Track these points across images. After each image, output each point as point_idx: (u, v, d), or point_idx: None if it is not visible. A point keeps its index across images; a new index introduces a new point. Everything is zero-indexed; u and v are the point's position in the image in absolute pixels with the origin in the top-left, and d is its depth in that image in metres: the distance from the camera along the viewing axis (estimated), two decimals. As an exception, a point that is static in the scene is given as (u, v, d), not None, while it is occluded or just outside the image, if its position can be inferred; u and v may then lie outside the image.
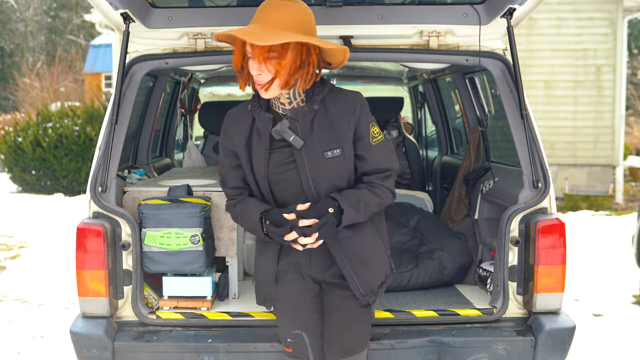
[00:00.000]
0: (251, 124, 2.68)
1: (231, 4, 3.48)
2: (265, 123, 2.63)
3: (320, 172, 2.59)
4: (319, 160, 2.59)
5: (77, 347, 3.06)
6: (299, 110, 2.61)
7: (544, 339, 3.06)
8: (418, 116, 6.83)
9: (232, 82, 6.81)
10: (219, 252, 3.46)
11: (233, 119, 2.74)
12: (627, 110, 22.18)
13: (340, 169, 2.62)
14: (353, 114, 2.62)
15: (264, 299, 2.81)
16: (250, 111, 2.67)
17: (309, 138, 2.59)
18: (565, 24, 12.60)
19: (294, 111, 2.61)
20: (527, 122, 3.25)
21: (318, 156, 2.59)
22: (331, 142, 2.60)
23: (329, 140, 2.60)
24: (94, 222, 3.08)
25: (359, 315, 2.72)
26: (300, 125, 2.59)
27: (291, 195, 2.64)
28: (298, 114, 2.60)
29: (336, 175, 2.62)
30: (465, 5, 3.35)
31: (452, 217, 4.39)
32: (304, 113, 2.60)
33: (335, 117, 2.61)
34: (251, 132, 2.67)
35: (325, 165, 2.59)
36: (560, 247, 3.11)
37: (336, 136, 2.60)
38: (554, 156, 12.48)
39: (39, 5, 35.32)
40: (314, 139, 2.59)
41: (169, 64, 3.40)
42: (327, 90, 2.66)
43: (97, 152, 3.24)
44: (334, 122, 2.61)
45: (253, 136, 2.66)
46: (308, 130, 2.60)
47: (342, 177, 2.63)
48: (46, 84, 24.00)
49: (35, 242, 9.20)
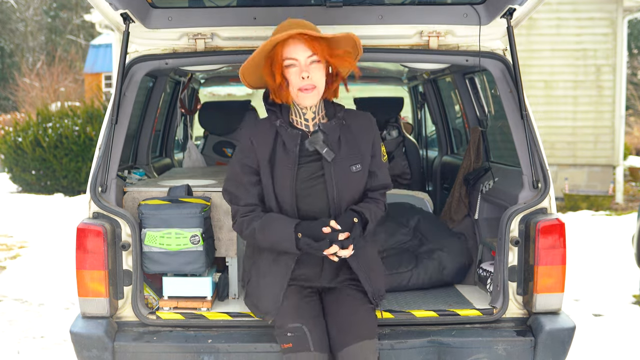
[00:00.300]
0: (274, 139, 2.80)
1: (231, 4, 3.49)
2: (294, 138, 2.78)
3: (345, 186, 2.78)
4: (346, 174, 2.78)
5: (77, 348, 3.05)
6: (327, 125, 2.80)
7: (544, 339, 3.06)
8: (418, 116, 6.83)
9: (232, 82, 6.82)
10: (219, 252, 3.46)
11: (254, 135, 2.83)
12: (627, 110, 22.18)
13: (360, 183, 2.83)
14: (371, 132, 2.87)
15: (267, 311, 2.87)
16: (277, 127, 2.81)
17: (337, 152, 2.77)
18: (565, 24, 12.60)
19: (325, 126, 2.79)
20: (527, 123, 3.25)
21: (346, 170, 2.78)
22: (355, 157, 2.81)
23: (353, 155, 2.80)
24: (94, 222, 3.08)
25: (366, 306, 2.86)
26: (329, 139, 2.77)
27: (316, 208, 2.79)
28: (327, 129, 2.78)
29: (357, 189, 2.82)
30: (465, 6, 3.35)
31: (452, 217, 4.39)
32: (332, 128, 2.80)
33: (357, 134, 2.84)
34: (274, 147, 2.79)
35: (350, 179, 2.79)
36: (560, 247, 3.10)
37: (358, 152, 2.82)
38: (554, 156, 12.48)
39: (39, 5, 35.32)
40: (342, 154, 2.78)
41: (169, 64, 3.40)
42: (344, 109, 2.89)
43: (97, 152, 3.24)
44: (356, 138, 2.83)
45: (277, 151, 2.78)
46: (336, 145, 2.78)
47: (360, 191, 2.84)
48: (46, 84, 24.00)
49: (35, 242, 9.20)
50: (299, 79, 2.70)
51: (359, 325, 2.78)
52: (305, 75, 2.68)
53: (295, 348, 2.72)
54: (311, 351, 2.70)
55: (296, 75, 2.70)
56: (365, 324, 2.80)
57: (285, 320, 2.80)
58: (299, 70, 2.70)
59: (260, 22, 3.33)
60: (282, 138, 2.79)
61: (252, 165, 2.81)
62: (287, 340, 2.75)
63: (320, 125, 2.80)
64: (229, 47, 3.43)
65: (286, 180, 2.76)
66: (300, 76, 2.70)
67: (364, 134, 2.85)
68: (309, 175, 2.78)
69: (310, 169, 2.78)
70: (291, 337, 2.74)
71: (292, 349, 2.73)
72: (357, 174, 2.80)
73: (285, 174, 2.76)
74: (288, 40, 2.70)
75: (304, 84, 2.70)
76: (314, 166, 2.78)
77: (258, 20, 3.33)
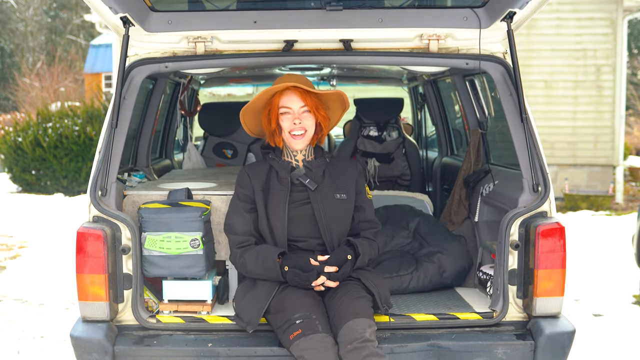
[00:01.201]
0: (268, 172, 3.24)
1: (231, 8, 3.48)
2: (285, 168, 3.22)
3: (332, 212, 3.17)
4: (330, 200, 3.18)
5: (77, 352, 3.05)
6: (313, 162, 3.26)
7: (544, 343, 3.06)
8: (418, 117, 6.83)
9: (231, 83, 6.81)
10: (219, 255, 3.46)
11: (250, 169, 3.28)
12: (627, 110, 22.16)
13: (347, 211, 3.22)
14: (355, 171, 3.31)
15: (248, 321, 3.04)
16: (270, 161, 3.25)
17: (321, 184, 3.21)
18: (565, 24, 12.59)
19: (309, 163, 3.25)
20: (527, 126, 3.25)
21: (330, 197, 3.19)
22: (339, 189, 3.23)
23: (337, 187, 3.23)
24: (94, 226, 3.08)
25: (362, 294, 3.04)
26: (313, 174, 3.22)
27: (305, 230, 3.17)
28: (312, 165, 3.24)
29: (344, 216, 3.20)
30: (466, 9, 3.34)
31: (452, 220, 4.39)
32: (317, 165, 3.25)
33: (341, 172, 3.28)
34: (268, 178, 3.22)
35: (336, 206, 3.19)
36: (560, 251, 3.11)
37: (342, 185, 3.25)
38: (554, 156, 12.47)
39: (39, 5, 35.28)
40: (325, 184, 3.22)
41: (169, 67, 3.40)
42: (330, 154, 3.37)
43: (96, 155, 3.24)
44: (340, 175, 3.27)
45: (271, 181, 3.21)
46: (320, 178, 3.23)
47: (348, 219, 3.22)
48: (46, 84, 23.99)
49: (35, 242, 9.21)
50: (292, 124, 3.16)
51: (355, 307, 2.94)
52: (297, 122, 3.15)
53: (305, 332, 2.83)
54: (320, 332, 2.82)
55: (289, 121, 3.17)
56: (361, 307, 2.95)
57: (294, 309, 2.92)
58: (292, 117, 3.16)
59: (260, 25, 3.32)
60: (275, 169, 3.23)
61: (248, 194, 3.21)
62: (296, 328, 2.85)
63: (305, 162, 3.24)
64: (229, 51, 3.43)
65: (280, 203, 3.14)
66: (292, 122, 3.16)
67: (347, 172, 3.29)
68: (299, 200, 3.18)
69: (300, 195, 3.19)
70: (300, 324, 2.85)
71: (301, 334, 2.83)
72: (342, 201, 3.20)
73: (280, 197, 3.16)
74: (285, 91, 3.17)
75: (295, 128, 3.16)
76: (303, 195, 3.19)
77: (258, 24, 3.32)
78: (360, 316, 2.89)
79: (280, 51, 3.42)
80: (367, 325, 2.87)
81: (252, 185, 3.21)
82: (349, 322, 2.85)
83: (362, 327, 2.84)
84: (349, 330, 2.83)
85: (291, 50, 3.41)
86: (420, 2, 3.57)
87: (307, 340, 2.81)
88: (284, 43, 3.42)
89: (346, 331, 2.83)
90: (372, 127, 6.30)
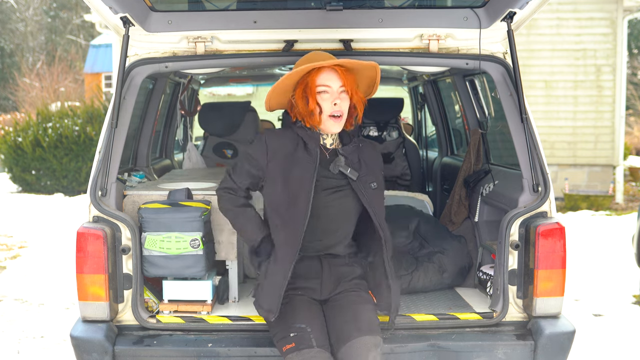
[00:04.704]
0: (295, 139, 2.94)
1: (231, 8, 3.48)
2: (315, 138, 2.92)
3: (373, 200, 2.93)
4: (368, 190, 2.94)
5: (77, 352, 3.06)
6: (346, 148, 2.98)
7: (544, 343, 3.06)
8: (418, 117, 6.83)
9: (231, 83, 6.81)
10: (219, 255, 3.46)
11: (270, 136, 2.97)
12: (627, 110, 22.16)
13: (381, 199, 3.01)
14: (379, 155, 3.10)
15: (269, 309, 2.87)
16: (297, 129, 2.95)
17: (359, 171, 2.95)
18: (565, 24, 12.58)
19: (344, 150, 2.97)
20: (527, 126, 3.25)
21: (367, 187, 2.95)
22: (372, 177, 2.99)
23: (370, 174, 2.99)
24: (94, 226, 3.08)
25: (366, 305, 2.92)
26: (350, 161, 2.95)
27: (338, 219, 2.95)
28: (346, 152, 2.97)
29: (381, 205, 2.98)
30: (466, 9, 3.34)
31: (452, 220, 4.39)
32: (352, 151, 2.98)
33: (369, 157, 3.04)
34: (293, 159, 2.90)
35: (374, 195, 2.96)
36: (560, 251, 3.11)
37: (372, 173, 3.00)
38: (554, 156, 12.47)
39: (39, 5, 35.28)
40: (362, 172, 2.96)
41: (169, 67, 3.40)
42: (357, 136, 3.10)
43: (97, 155, 3.24)
44: (369, 161, 3.02)
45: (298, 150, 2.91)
46: (357, 165, 2.96)
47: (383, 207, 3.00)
48: (46, 84, 23.99)
49: (35, 242, 9.21)
50: (331, 106, 2.87)
51: (359, 322, 2.80)
52: (338, 102, 2.86)
53: (298, 346, 2.73)
54: (314, 347, 2.71)
55: (328, 102, 2.87)
56: (365, 321, 2.82)
57: (287, 324, 2.82)
58: (331, 97, 2.87)
59: (260, 25, 3.32)
60: (304, 139, 2.93)
61: (257, 159, 2.93)
62: (289, 340, 2.76)
63: (340, 150, 2.97)
64: (229, 51, 3.43)
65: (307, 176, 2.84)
66: (332, 102, 2.87)
67: (375, 159, 3.07)
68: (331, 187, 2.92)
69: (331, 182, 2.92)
70: (293, 337, 2.75)
71: (294, 348, 2.73)
72: (376, 191, 2.98)
73: (307, 168, 2.86)
74: (322, 69, 2.88)
75: (335, 110, 2.87)
76: (333, 181, 2.93)
77: (258, 24, 3.32)
78: (364, 333, 2.75)
79: (280, 51, 3.42)
80: (373, 345, 2.74)
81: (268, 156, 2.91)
82: (353, 342, 2.72)
83: (366, 348, 2.71)
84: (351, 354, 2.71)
85: (291, 50, 3.41)
86: (420, 2, 3.57)
87: (300, 354, 2.70)
88: (284, 43, 3.42)
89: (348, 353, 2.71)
90: (372, 127, 6.30)
